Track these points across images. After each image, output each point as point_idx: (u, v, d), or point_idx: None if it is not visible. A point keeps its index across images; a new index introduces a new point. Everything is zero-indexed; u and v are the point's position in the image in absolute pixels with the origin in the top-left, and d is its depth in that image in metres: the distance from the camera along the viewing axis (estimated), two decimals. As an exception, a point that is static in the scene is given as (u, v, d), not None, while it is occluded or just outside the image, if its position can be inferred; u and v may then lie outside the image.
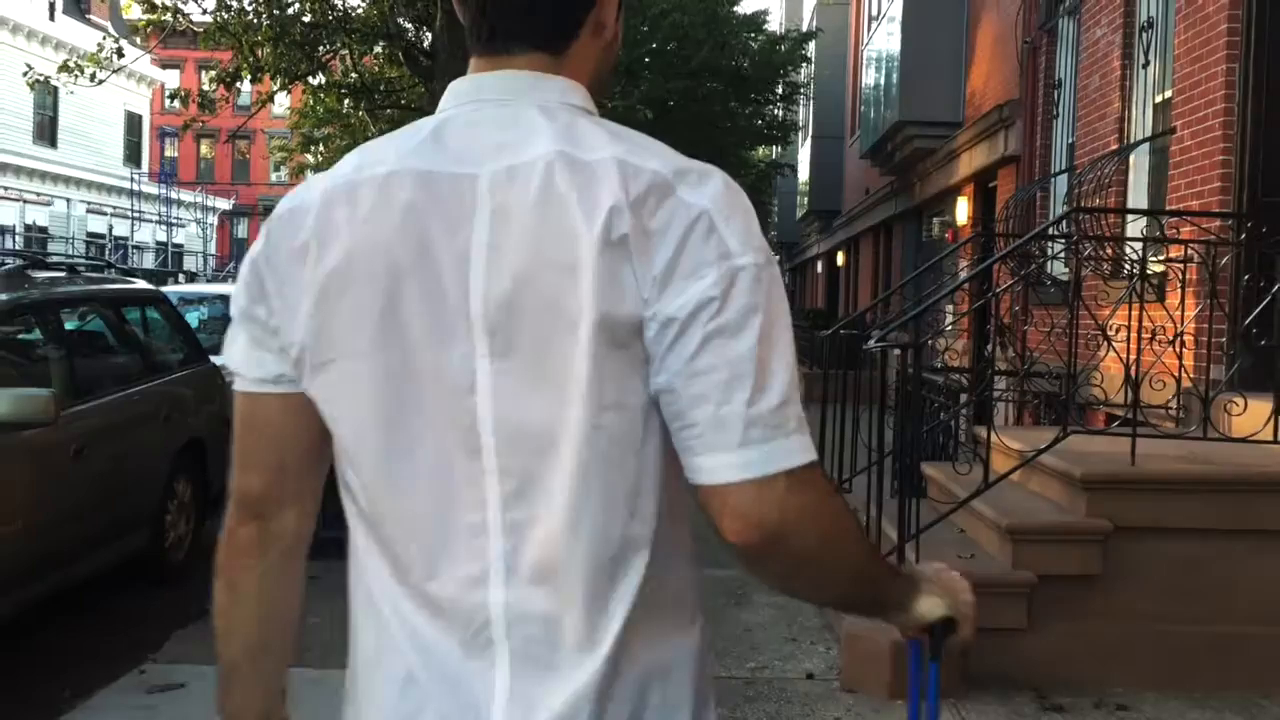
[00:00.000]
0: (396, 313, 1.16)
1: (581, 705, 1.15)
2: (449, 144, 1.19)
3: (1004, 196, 11.40)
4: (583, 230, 1.11)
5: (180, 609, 5.87)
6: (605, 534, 1.15)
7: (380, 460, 1.20)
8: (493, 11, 1.23)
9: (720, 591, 6.21)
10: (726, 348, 1.11)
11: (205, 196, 44.29)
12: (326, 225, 1.19)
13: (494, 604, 1.17)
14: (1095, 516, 4.87)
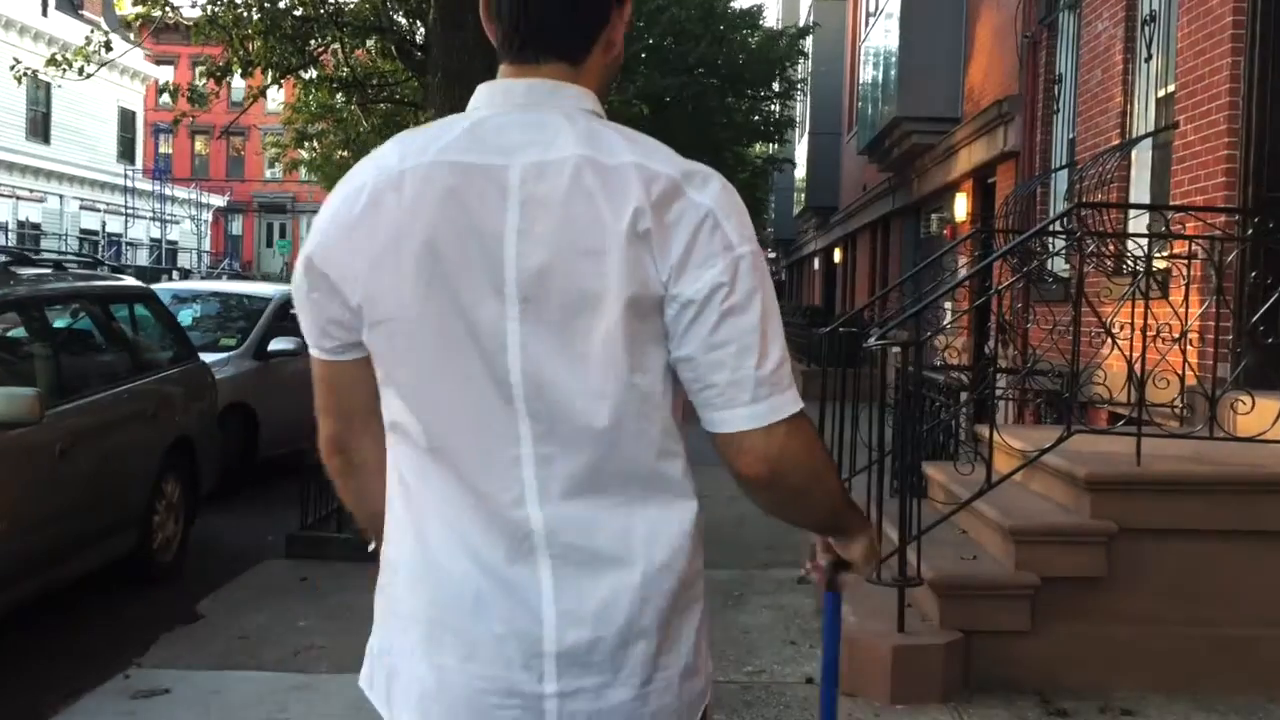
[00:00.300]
0: (438, 282, 1.40)
1: (622, 594, 1.42)
2: (483, 139, 1.42)
3: (1003, 192, 11.30)
4: (610, 223, 1.37)
5: (168, 611, 5.77)
6: (634, 468, 1.43)
7: (436, 402, 1.44)
8: (526, 29, 1.46)
9: (717, 592, 6.12)
10: (737, 323, 1.39)
11: (199, 193, 44.13)
12: (377, 208, 1.42)
13: (534, 519, 1.43)
14: (1100, 518, 4.78)
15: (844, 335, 6.86)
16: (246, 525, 7.93)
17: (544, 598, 1.43)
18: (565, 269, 1.39)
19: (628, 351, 1.41)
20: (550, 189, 1.39)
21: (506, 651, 1.43)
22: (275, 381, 9.56)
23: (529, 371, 1.41)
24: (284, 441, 9.50)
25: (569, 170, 1.39)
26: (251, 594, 6.07)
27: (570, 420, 1.42)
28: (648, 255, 1.38)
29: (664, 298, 1.40)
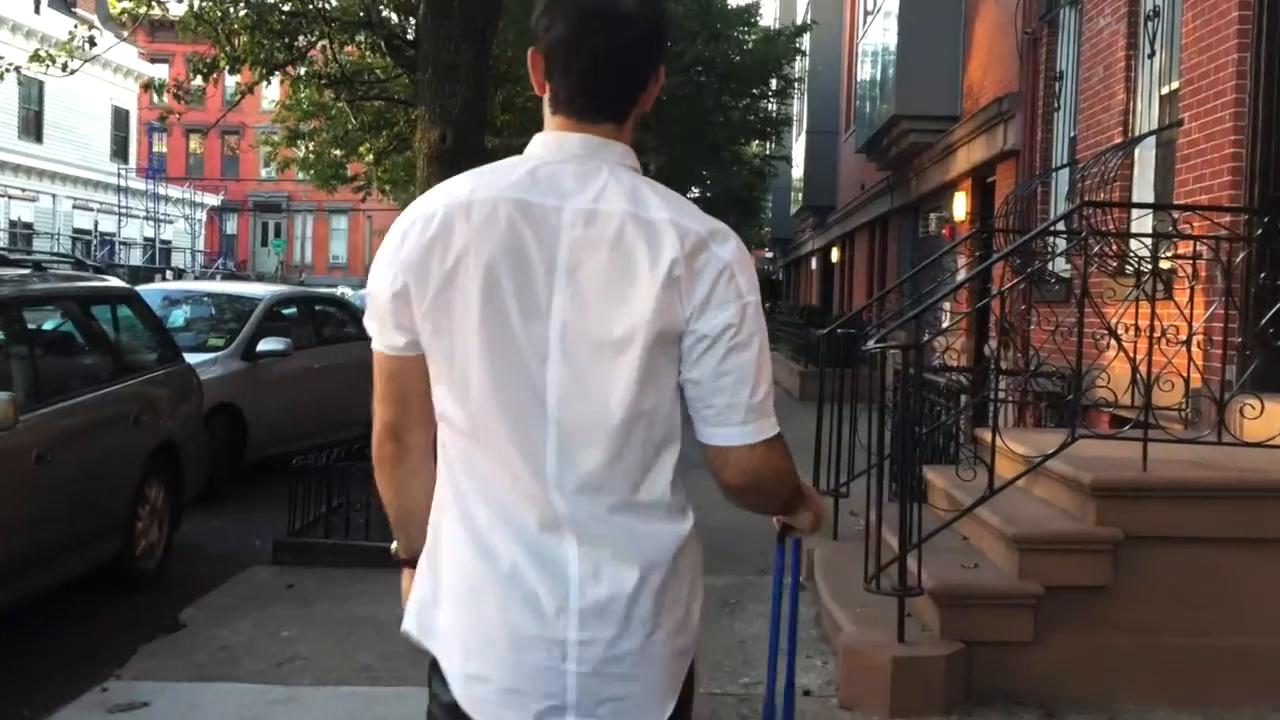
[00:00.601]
0: (496, 300, 1.68)
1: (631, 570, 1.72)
2: (541, 182, 1.70)
3: (1003, 191, 11.18)
4: (645, 270, 1.66)
5: (149, 619, 5.63)
6: (640, 465, 1.72)
7: (485, 398, 1.70)
8: (591, 94, 1.74)
9: (713, 600, 5.98)
10: (739, 358, 1.70)
11: (193, 192, 43.93)
12: (448, 232, 1.69)
13: (556, 502, 1.70)
14: (1105, 525, 4.65)
15: (842, 336, 6.73)
16: (233, 530, 7.79)
17: (569, 563, 1.72)
18: (602, 303, 1.68)
19: (646, 374, 1.69)
20: (598, 235, 1.69)
21: (539, 605, 1.71)
22: (264, 382, 9.43)
23: (562, 384, 1.70)
24: (273, 443, 9.37)
25: (615, 223, 1.69)
26: (236, 602, 5.93)
27: (590, 425, 1.70)
28: (677, 297, 1.68)
29: (684, 331, 1.70)
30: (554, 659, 1.72)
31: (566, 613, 1.72)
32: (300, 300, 11.22)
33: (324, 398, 10.36)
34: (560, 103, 1.78)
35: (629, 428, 1.70)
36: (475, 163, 6.49)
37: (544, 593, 1.72)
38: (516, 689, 1.72)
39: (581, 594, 1.72)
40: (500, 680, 1.73)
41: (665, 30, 1.86)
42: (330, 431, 10.28)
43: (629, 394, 1.69)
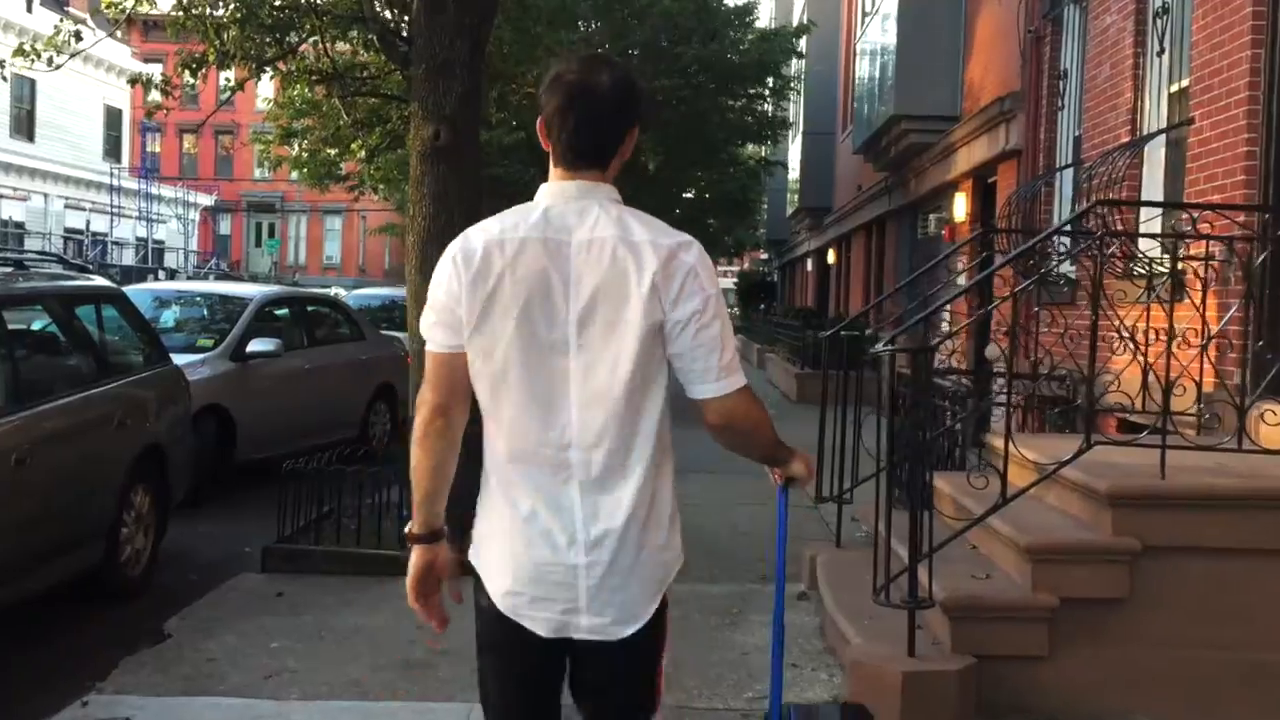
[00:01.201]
0: (527, 311, 2.27)
1: (621, 504, 2.29)
2: (552, 222, 2.29)
3: (1005, 192, 11.03)
4: (633, 280, 2.25)
5: (133, 630, 5.46)
6: (634, 425, 2.29)
7: (519, 385, 2.29)
8: (578, 150, 2.33)
9: (713, 611, 5.83)
10: (706, 333, 2.28)
11: (186, 192, 43.67)
12: (488, 263, 2.27)
13: (572, 455, 2.29)
14: (1122, 534, 4.49)
15: (845, 339, 6.57)
16: (221, 535, 7.62)
17: (575, 506, 2.31)
18: (603, 307, 2.28)
19: (640, 358, 2.29)
20: (596, 258, 2.28)
21: (555, 539, 2.31)
22: (254, 384, 9.25)
23: (578, 368, 2.29)
24: (263, 446, 9.19)
25: (609, 246, 2.28)
26: (223, 612, 5.75)
27: (600, 396, 2.29)
28: (657, 298, 2.27)
29: (664, 320, 2.28)
30: (568, 578, 2.33)
31: (575, 545, 2.32)
32: (292, 300, 11.04)
33: (316, 399, 10.19)
34: (558, 157, 2.38)
35: (626, 398, 2.30)
36: (471, 159, 6.31)
37: (556, 530, 2.32)
38: (543, 598, 2.34)
39: (585, 530, 2.32)
40: (530, 593, 2.34)
41: (634, 100, 2.43)
42: (323, 434, 10.13)
43: (626, 373, 2.29)
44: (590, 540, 2.31)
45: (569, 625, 2.34)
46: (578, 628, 2.34)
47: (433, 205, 7.13)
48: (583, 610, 2.33)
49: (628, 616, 2.34)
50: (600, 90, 2.34)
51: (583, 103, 2.33)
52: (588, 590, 2.32)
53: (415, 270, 7.21)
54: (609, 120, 2.38)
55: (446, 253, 2.36)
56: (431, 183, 7.13)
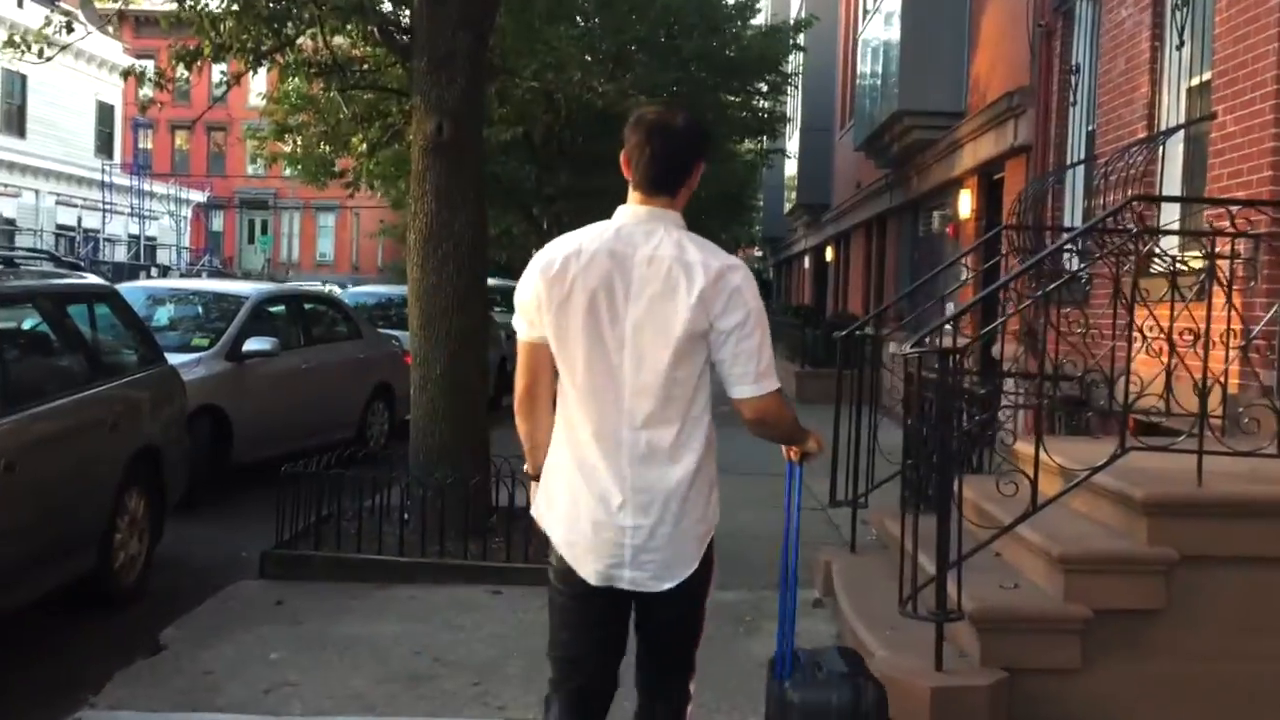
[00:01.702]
0: (594, 310, 2.75)
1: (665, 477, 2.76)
2: (622, 238, 2.76)
3: (1012, 189, 10.86)
4: (683, 293, 2.70)
5: (127, 641, 5.26)
6: (678, 413, 2.76)
7: (585, 373, 2.78)
8: (652, 179, 2.80)
9: (726, 618, 5.65)
10: (747, 343, 2.73)
11: (179, 188, 43.37)
12: (564, 270, 2.75)
13: (623, 435, 2.76)
14: (1158, 544, 4.33)
15: (860, 339, 6.41)
16: (218, 540, 7.43)
17: (627, 478, 2.75)
18: (655, 314, 2.73)
19: (678, 357, 2.74)
20: (655, 272, 2.73)
21: (608, 502, 2.75)
22: (250, 383, 9.06)
23: (631, 363, 2.75)
24: (260, 447, 9.01)
25: (666, 264, 2.73)
26: (220, 621, 5.56)
27: (648, 387, 2.74)
28: (703, 309, 2.70)
29: (709, 329, 2.72)
30: (617, 538, 2.75)
31: (624, 509, 2.74)
32: (289, 298, 10.83)
33: (314, 399, 10.00)
34: (636, 183, 2.84)
35: (667, 389, 2.75)
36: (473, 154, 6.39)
37: (611, 494, 2.75)
38: (593, 551, 2.78)
39: (634, 497, 2.74)
40: (584, 546, 2.79)
41: (702, 140, 2.95)
42: (320, 434, 9.94)
43: (665, 368, 2.74)
44: (637, 507, 2.76)
45: (614, 577, 2.80)
46: (621, 579, 2.80)
47: (435, 201, 6.95)
48: (626, 565, 2.78)
49: (665, 574, 2.80)
50: (674, 129, 2.87)
51: (658, 140, 2.84)
52: (631, 549, 2.77)
53: (417, 267, 7.03)
54: (680, 156, 2.86)
55: (533, 262, 2.88)
56: (433, 178, 6.95)
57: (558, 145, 14.70)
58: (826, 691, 3.19)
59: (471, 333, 7.05)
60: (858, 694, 3.18)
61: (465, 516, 6.64)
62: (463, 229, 6.97)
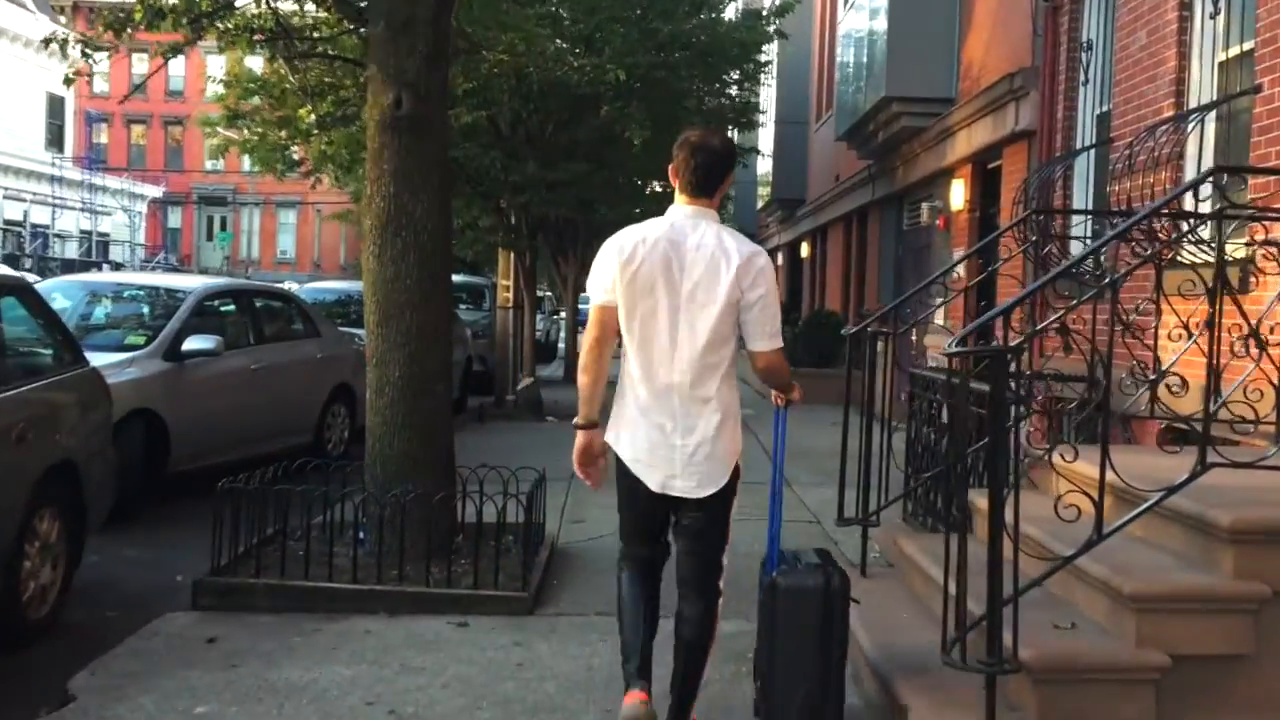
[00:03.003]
0: (656, 285, 3.71)
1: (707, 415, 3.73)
2: (676, 229, 3.74)
3: (1012, 177, 10.24)
4: (724, 273, 3.68)
5: (33, 690, 4.49)
6: (714, 363, 3.73)
7: (647, 331, 3.73)
8: (695, 185, 3.78)
9: (728, 656, 4.95)
10: (766, 311, 3.74)
11: (132, 183, 42.14)
12: (634, 252, 3.72)
13: (675, 378, 3.72)
14: (1246, 577, 3.68)
15: (871, 336, 5.73)
16: (150, 562, 6.66)
17: (677, 409, 3.72)
18: (703, 288, 3.69)
19: (719, 322, 3.69)
20: (703, 256, 3.69)
21: (665, 428, 3.72)
22: (191, 385, 8.27)
23: (684, 324, 3.70)
24: (201, 455, 8.24)
25: (710, 250, 3.70)
26: (141, 664, 4.79)
27: (694, 343, 3.69)
28: (738, 284, 3.67)
29: (740, 300, 3.69)
30: (670, 455, 3.74)
31: (676, 432, 3.73)
32: (238, 294, 10.00)
33: (265, 402, 9.23)
34: (682, 188, 3.82)
35: (708, 347, 3.71)
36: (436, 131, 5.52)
37: (666, 422, 3.74)
38: (652, 464, 3.76)
39: (682, 424, 3.73)
40: (646, 460, 3.77)
41: (732, 155, 3.97)
42: (272, 440, 9.19)
43: (709, 329, 3.70)
44: (685, 429, 3.71)
45: (668, 485, 3.74)
46: (673, 487, 3.74)
47: (394, 183, 6.21)
48: (678, 476, 3.73)
49: (707, 483, 3.73)
50: (712, 148, 3.82)
51: (700, 155, 3.77)
52: (681, 463, 3.72)
53: (374, 257, 6.29)
54: (716, 168, 3.80)
55: (609, 245, 3.79)
56: (392, 157, 6.21)
57: (525, 133, 13.94)
58: (804, 577, 3.98)
59: (434, 330, 6.32)
60: (828, 579, 3.96)
61: (428, 536, 5.92)
62: (425, 215, 6.24)
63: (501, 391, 15.40)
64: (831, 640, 3.88)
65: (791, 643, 3.87)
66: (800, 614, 3.88)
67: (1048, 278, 3.93)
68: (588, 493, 8.72)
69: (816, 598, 3.88)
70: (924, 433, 6.26)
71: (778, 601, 3.92)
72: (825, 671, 3.86)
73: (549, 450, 11.64)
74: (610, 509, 4.05)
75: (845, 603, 3.94)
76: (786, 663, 3.89)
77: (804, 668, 3.86)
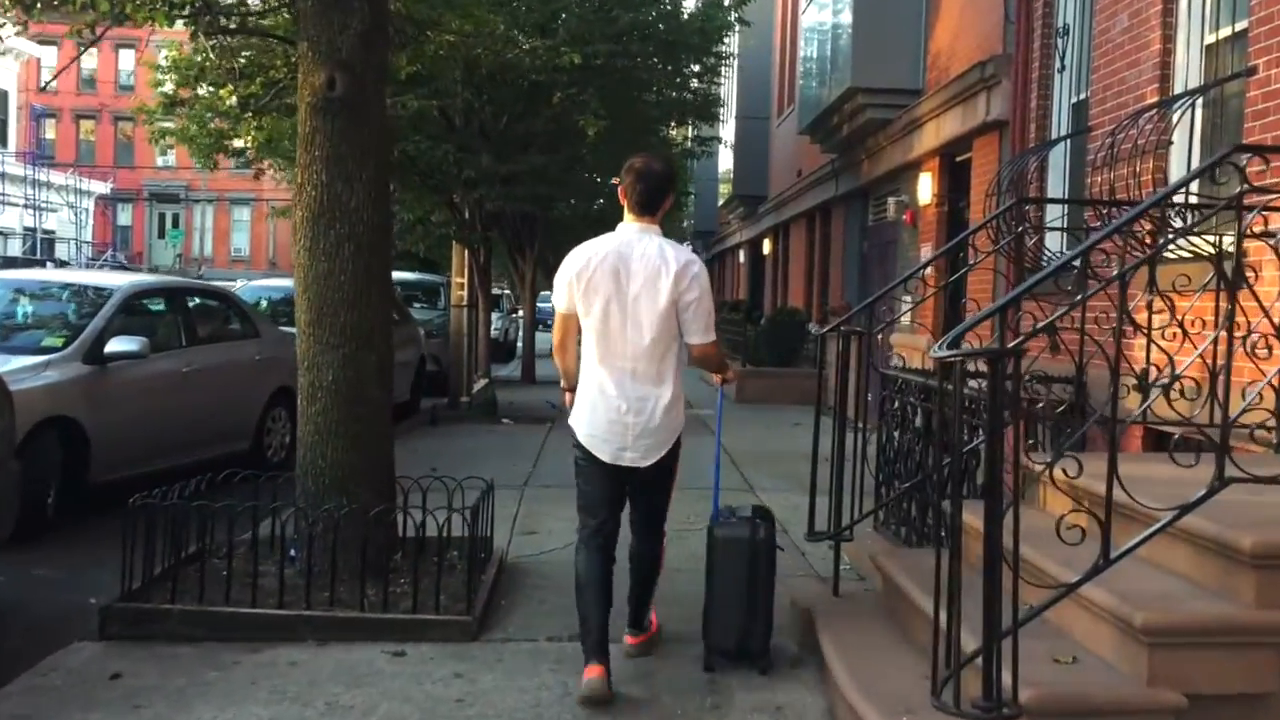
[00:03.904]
0: (607, 291, 4.45)
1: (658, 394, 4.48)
2: (625, 244, 4.50)
3: (982, 169, 9.88)
4: (663, 278, 4.44)
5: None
6: (660, 353, 4.47)
7: (604, 327, 4.46)
8: (641, 205, 4.57)
9: (686, 690, 4.51)
10: (700, 309, 4.50)
11: (78, 179, 41.07)
12: (587, 264, 4.50)
13: (626, 365, 4.46)
14: (1271, 607, 3.28)
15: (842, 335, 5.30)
16: (62, 583, 6.12)
17: (628, 391, 4.44)
18: (646, 291, 4.43)
19: (663, 321, 4.42)
20: (645, 265, 4.43)
21: (619, 407, 4.43)
22: (114, 390, 7.73)
23: (631, 323, 4.43)
24: (126, 464, 7.70)
25: (654, 261, 4.43)
26: (33, 706, 4.27)
27: (641, 337, 4.42)
28: (676, 288, 4.42)
29: (679, 300, 4.43)
30: (621, 430, 4.44)
31: (627, 411, 4.42)
32: (169, 291, 9.42)
33: (197, 407, 8.69)
34: (630, 208, 4.56)
35: (654, 344, 4.41)
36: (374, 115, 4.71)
37: (619, 401, 4.42)
38: (608, 439, 4.45)
39: (632, 404, 4.42)
40: (601, 435, 4.46)
41: (673, 178, 4.79)
42: (206, 447, 8.66)
43: (654, 329, 4.40)
44: (635, 410, 4.44)
45: (620, 456, 4.47)
46: (623, 458, 4.47)
47: (326, 171, 5.72)
48: (628, 448, 4.46)
49: (651, 454, 4.49)
50: (655, 172, 4.59)
51: (644, 181, 4.55)
52: (631, 438, 4.46)
53: (305, 251, 5.79)
54: (658, 190, 4.59)
55: (569, 260, 4.55)
56: (324, 142, 5.72)
57: (480, 125, 13.41)
58: (736, 529, 4.79)
59: (371, 330, 5.82)
60: (754, 530, 4.75)
61: (362, 555, 5.42)
62: (360, 205, 5.75)
63: (456, 393, 14.88)
64: (758, 579, 4.73)
65: (726, 580, 4.73)
66: (733, 557, 4.74)
67: (1048, 271, 3.51)
68: (541, 502, 8.28)
69: (745, 545, 4.74)
70: (900, 438, 5.85)
71: (715, 547, 4.78)
72: (753, 604, 4.73)
73: (503, 455, 11.19)
74: (564, 519, 5.17)
75: (770, 549, 4.77)
76: (723, 596, 4.74)
77: (736, 601, 4.72)
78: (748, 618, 4.69)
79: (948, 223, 11.36)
